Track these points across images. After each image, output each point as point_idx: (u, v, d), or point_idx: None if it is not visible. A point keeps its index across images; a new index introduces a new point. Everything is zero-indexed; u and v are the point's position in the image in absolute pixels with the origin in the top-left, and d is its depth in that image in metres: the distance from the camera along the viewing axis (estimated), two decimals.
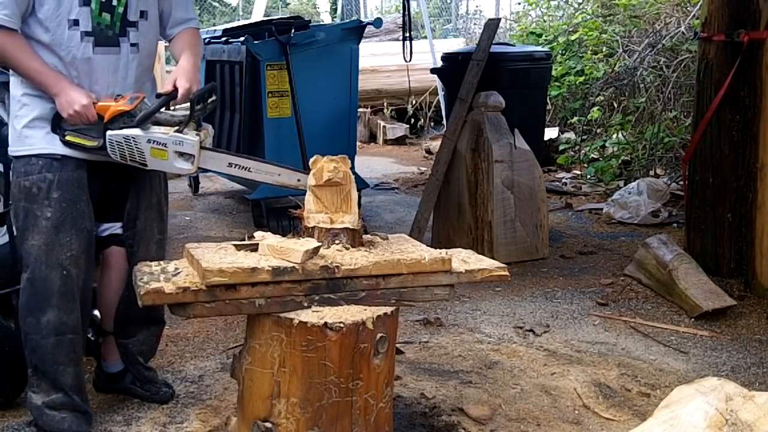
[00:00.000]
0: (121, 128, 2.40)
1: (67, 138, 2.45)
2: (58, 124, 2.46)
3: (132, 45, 2.55)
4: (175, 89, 2.49)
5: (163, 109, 2.46)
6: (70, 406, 2.55)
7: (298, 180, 2.47)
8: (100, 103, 2.44)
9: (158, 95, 2.53)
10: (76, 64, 2.47)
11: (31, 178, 2.47)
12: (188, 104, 2.45)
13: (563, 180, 7.13)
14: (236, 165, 2.49)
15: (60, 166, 2.48)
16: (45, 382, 2.53)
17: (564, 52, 8.69)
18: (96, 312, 2.85)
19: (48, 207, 2.46)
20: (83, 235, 2.51)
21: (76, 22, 2.43)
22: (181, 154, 2.41)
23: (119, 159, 2.44)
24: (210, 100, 2.54)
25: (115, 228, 2.70)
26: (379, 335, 2.06)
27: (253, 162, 2.51)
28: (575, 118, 7.99)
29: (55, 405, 2.53)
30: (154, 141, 2.40)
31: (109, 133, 2.42)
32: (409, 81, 9.74)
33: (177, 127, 2.42)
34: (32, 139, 2.47)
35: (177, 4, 2.71)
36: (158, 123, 2.43)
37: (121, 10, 2.51)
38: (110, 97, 2.48)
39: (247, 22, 7.28)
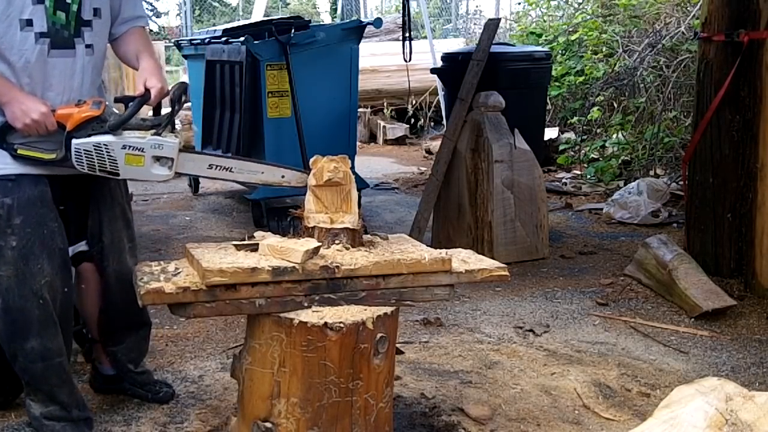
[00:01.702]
0: (89, 135, 2.21)
1: (19, 152, 2.22)
2: (4, 137, 2.22)
3: (87, 46, 2.35)
4: (147, 91, 2.33)
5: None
6: (68, 418, 2.49)
7: (282, 176, 2.38)
8: (59, 111, 2.23)
9: (125, 98, 2.34)
10: (29, 70, 2.24)
11: None
12: (149, 106, 2.32)
13: (563, 180, 7.13)
14: (217, 166, 2.36)
15: (16, 187, 2.25)
16: (41, 395, 2.46)
17: (564, 52, 8.70)
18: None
19: (11, 235, 2.25)
20: (56, 256, 2.33)
21: (29, 22, 2.21)
22: (158, 159, 2.25)
23: (86, 169, 2.24)
24: (184, 100, 2.39)
25: (80, 246, 2.54)
26: (379, 335, 2.06)
27: (234, 161, 2.38)
28: (575, 118, 7.99)
29: (53, 416, 2.47)
30: (129, 146, 2.22)
31: (75, 141, 2.21)
32: (409, 81, 9.74)
33: (153, 130, 2.27)
34: None
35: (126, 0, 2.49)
36: (127, 128, 2.27)
37: (75, 7, 2.29)
38: (69, 104, 2.28)
39: (247, 22, 7.28)
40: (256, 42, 5.11)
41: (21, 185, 2.26)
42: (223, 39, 5.70)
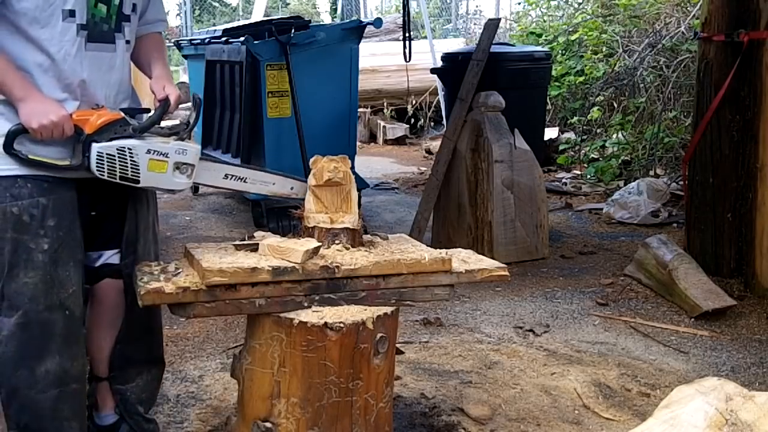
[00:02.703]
0: (112, 139, 2.09)
1: (30, 157, 2.07)
2: (12, 143, 2.05)
3: (126, 42, 2.24)
4: (167, 98, 2.24)
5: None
6: None
7: (291, 188, 2.32)
8: (76, 115, 2.10)
9: (130, 110, 2.23)
10: (69, 62, 2.10)
11: (20, 204, 2.07)
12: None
13: (563, 180, 7.13)
14: (232, 176, 2.27)
15: (53, 187, 2.11)
16: None
17: (564, 52, 8.70)
18: None
19: (44, 237, 2.09)
20: (79, 267, 2.18)
21: (71, 13, 2.08)
22: (178, 167, 2.15)
23: (106, 176, 2.10)
24: (201, 108, 2.36)
25: (109, 257, 2.31)
26: (379, 335, 2.06)
27: (249, 171, 2.31)
28: (575, 118, 8.00)
29: None
30: (154, 151, 2.11)
31: (97, 145, 2.08)
32: (408, 81, 9.74)
33: (175, 137, 2.18)
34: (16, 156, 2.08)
35: (154, 1, 2.38)
36: (148, 135, 2.17)
37: (117, 1, 2.17)
38: (86, 109, 2.14)
39: (247, 22, 7.28)
40: (256, 42, 5.11)
41: (58, 185, 2.12)
42: (223, 39, 5.70)
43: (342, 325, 2.00)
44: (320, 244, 2.13)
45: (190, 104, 2.45)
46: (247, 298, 2.03)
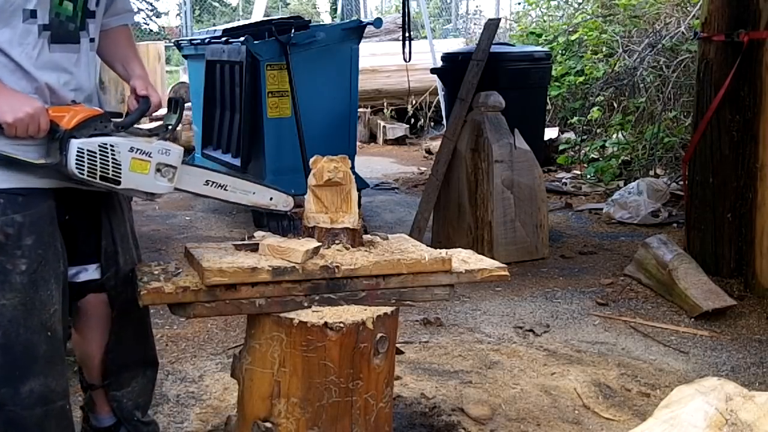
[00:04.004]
0: (92, 136, 1.95)
1: (2, 153, 1.91)
2: None
3: (91, 40, 2.10)
4: (147, 98, 2.14)
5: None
6: None
7: (270, 198, 2.25)
8: (52, 111, 1.95)
9: (110, 113, 2.08)
10: (32, 65, 1.96)
11: None
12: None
13: (563, 180, 7.13)
14: (213, 182, 2.17)
15: (27, 202, 1.95)
16: None
17: (564, 52, 8.70)
18: None
19: (21, 258, 1.94)
20: (61, 281, 2.04)
21: (33, 14, 1.94)
22: (160, 169, 2.03)
23: (86, 176, 1.94)
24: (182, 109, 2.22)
25: (90, 272, 2.19)
26: (379, 335, 2.06)
27: (229, 179, 2.21)
28: (575, 118, 8.00)
29: None
30: (137, 150, 1.99)
31: (77, 141, 1.92)
32: (408, 81, 9.74)
33: (156, 137, 2.06)
34: None
35: None
36: (129, 134, 2.06)
37: None
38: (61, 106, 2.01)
39: (247, 22, 7.28)
40: (256, 42, 5.11)
41: (32, 200, 1.97)
42: (223, 39, 5.70)
43: (342, 325, 2.00)
44: (320, 244, 2.13)
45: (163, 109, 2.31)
46: (247, 298, 2.03)
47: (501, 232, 4.59)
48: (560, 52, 8.68)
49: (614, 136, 7.33)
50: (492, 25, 5.08)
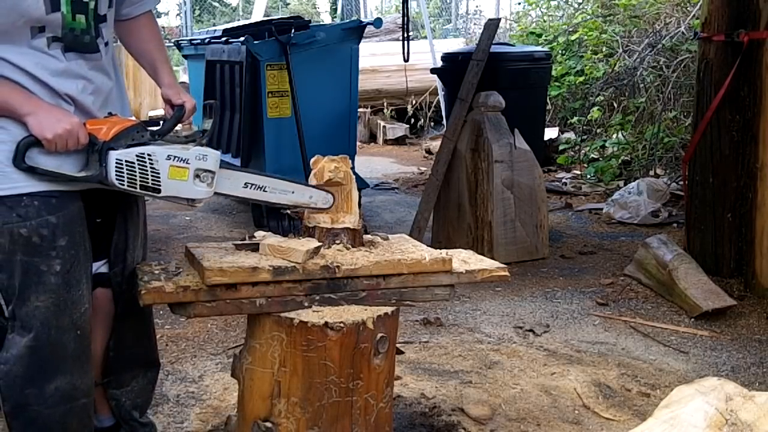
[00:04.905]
0: (129, 146, 1.97)
1: (43, 170, 1.95)
2: (23, 156, 1.92)
3: (106, 44, 2.09)
4: (182, 105, 2.17)
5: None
6: None
7: (310, 197, 2.22)
8: (89, 123, 1.99)
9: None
10: (51, 77, 1.97)
11: (28, 224, 1.94)
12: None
13: (563, 180, 7.13)
14: (252, 185, 2.16)
15: (60, 204, 1.99)
16: None
17: (564, 52, 8.70)
18: None
19: (56, 258, 1.98)
20: (90, 281, 2.10)
21: (42, 29, 1.94)
22: (198, 175, 2.02)
23: (126, 186, 1.97)
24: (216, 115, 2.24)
25: (98, 267, 2.22)
26: (380, 335, 2.06)
27: (268, 180, 2.20)
28: (575, 118, 8.00)
29: None
30: (175, 157, 1.99)
31: (116, 153, 1.95)
32: (408, 81, 9.74)
33: (193, 143, 2.07)
34: (20, 173, 1.93)
35: None
36: (165, 141, 2.07)
37: (93, 4, 2.02)
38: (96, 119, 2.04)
39: (247, 22, 7.29)
40: (256, 42, 5.11)
41: (65, 201, 1.99)
42: (223, 39, 5.70)
43: (342, 324, 2.00)
44: (321, 244, 2.13)
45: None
46: (247, 297, 2.03)
47: (501, 232, 4.59)
48: (560, 52, 8.68)
49: (614, 136, 7.33)
50: (492, 25, 5.08)
